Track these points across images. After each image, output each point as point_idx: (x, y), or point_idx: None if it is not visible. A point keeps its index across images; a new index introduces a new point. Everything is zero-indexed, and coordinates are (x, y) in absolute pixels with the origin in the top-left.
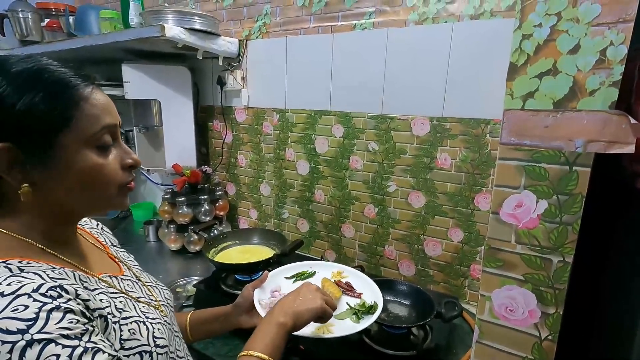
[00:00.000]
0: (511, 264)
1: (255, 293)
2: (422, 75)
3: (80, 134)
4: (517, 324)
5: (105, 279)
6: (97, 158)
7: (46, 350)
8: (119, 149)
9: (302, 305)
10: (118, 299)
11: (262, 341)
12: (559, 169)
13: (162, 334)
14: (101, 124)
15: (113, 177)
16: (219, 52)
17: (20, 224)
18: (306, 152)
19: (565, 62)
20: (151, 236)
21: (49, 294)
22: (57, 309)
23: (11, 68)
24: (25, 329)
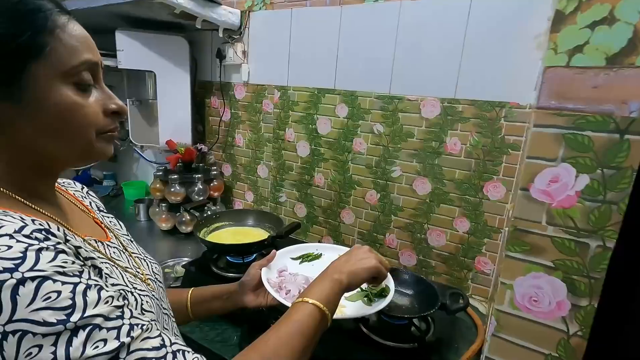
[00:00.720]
0: (539, 248)
1: (263, 272)
2: (435, 53)
3: (55, 66)
4: (542, 317)
5: (90, 242)
6: (75, 96)
7: (43, 287)
8: (101, 91)
9: (357, 265)
10: (104, 265)
11: (318, 292)
12: (606, 137)
13: (151, 307)
14: (80, 57)
15: (92, 120)
16: (219, 22)
17: None
18: (307, 133)
19: (625, 7)
20: (142, 215)
21: (34, 236)
22: (47, 249)
23: None
24: (13, 267)
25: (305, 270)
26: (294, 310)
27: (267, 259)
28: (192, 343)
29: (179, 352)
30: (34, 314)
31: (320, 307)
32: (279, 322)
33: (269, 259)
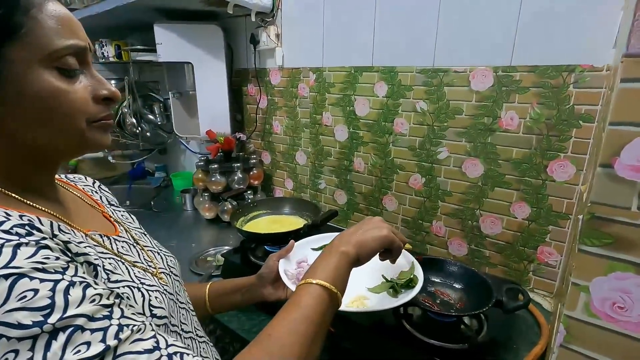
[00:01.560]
0: (627, 242)
1: (280, 263)
2: (485, 15)
3: (33, 50)
4: (630, 328)
5: (94, 236)
6: (58, 82)
7: (18, 286)
8: (90, 77)
9: (366, 234)
10: (107, 260)
11: (322, 270)
12: None
13: (161, 303)
14: (63, 42)
15: (81, 108)
16: (250, 5)
17: None
18: (345, 116)
19: None
20: (188, 205)
21: (14, 231)
22: (27, 244)
23: None
24: None
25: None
26: (298, 294)
27: (285, 249)
28: (229, 332)
29: (175, 354)
30: (7, 315)
31: (326, 286)
32: (284, 309)
33: (288, 250)
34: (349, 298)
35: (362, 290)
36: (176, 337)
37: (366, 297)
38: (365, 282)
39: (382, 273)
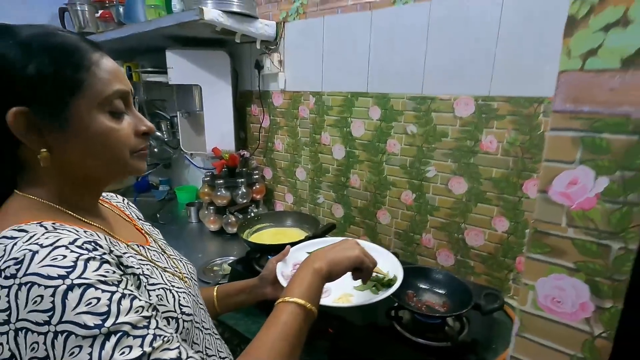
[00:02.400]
0: (560, 250)
1: (277, 266)
2: (467, 50)
3: (92, 98)
4: (565, 318)
5: (133, 246)
6: (110, 122)
7: (87, 294)
8: (132, 116)
9: (339, 253)
10: (145, 266)
11: (298, 287)
12: (625, 139)
13: (188, 302)
14: (112, 88)
15: (126, 142)
16: (256, 35)
17: (46, 191)
18: (342, 136)
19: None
20: (193, 217)
21: (84, 247)
22: (94, 259)
23: (21, 33)
24: (65, 274)
25: None
26: (276, 313)
27: (282, 253)
28: (237, 334)
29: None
30: (78, 316)
31: (301, 304)
32: (264, 328)
33: (284, 254)
34: (336, 295)
35: (348, 289)
36: (198, 333)
37: (351, 295)
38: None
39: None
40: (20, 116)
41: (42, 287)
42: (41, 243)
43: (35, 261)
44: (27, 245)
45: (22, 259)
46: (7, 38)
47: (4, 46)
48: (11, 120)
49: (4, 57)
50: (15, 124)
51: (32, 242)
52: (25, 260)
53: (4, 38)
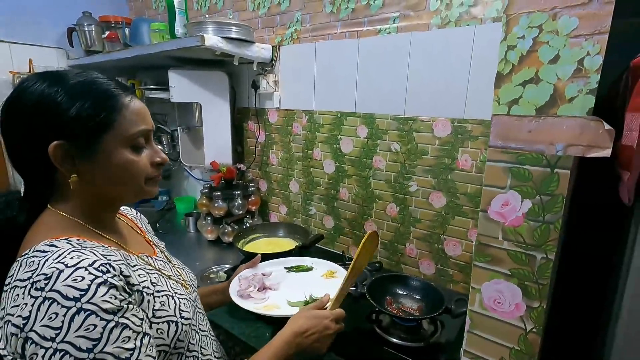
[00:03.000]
0: (499, 259)
1: (243, 272)
2: (444, 77)
3: (119, 135)
4: (505, 316)
5: (143, 257)
6: (131, 155)
7: (88, 319)
8: (150, 148)
9: (311, 349)
10: (153, 275)
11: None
12: (541, 171)
13: (187, 307)
14: (138, 128)
15: (143, 171)
16: (253, 57)
17: (73, 208)
18: (332, 152)
19: (546, 71)
20: (191, 227)
21: (100, 269)
22: (104, 283)
23: (69, 80)
24: (79, 297)
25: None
26: None
27: (253, 262)
28: (232, 337)
29: None
30: (76, 339)
31: None
32: None
33: (255, 262)
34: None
35: (282, 301)
36: (194, 334)
37: (278, 307)
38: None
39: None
40: (60, 148)
41: (59, 306)
42: (67, 263)
43: (60, 279)
44: (56, 264)
45: (50, 276)
46: (58, 84)
47: (56, 92)
48: (52, 152)
49: (54, 100)
50: (55, 154)
51: (59, 260)
52: (52, 277)
53: (56, 85)
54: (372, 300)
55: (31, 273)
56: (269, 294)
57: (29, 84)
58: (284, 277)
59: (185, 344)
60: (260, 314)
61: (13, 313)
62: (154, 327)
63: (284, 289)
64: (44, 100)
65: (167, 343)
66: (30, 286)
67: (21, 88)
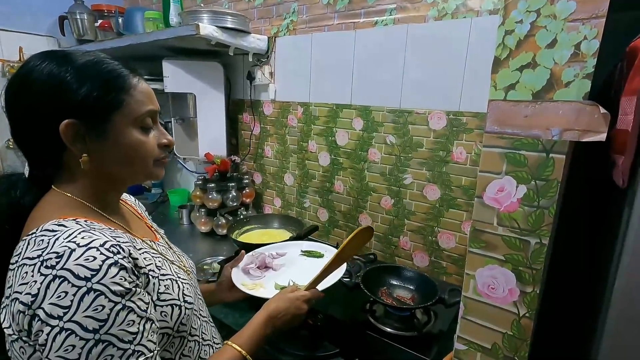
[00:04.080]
0: (493, 245)
1: (232, 272)
2: (440, 70)
3: (128, 115)
4: (498, 302)
5: (147, 241)
6: (140, 136)
7: (97, 300)
8: (157, 130)
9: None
10: (157, 259)
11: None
12: (537, 156)
13: (190, 292)
14: (146, 108)
15: (151, 152)
16: (249, 48)
17: (79, 189)
18: (327, 145)
19: (543, 55)
20: (184, 219)
21: (111, 250)
22: (115, 264)
23: (77, 60)
24: (90, 277)
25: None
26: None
27: (236, 260)
28: (225, 326)
29: None
30: (84, 319)
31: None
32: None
33: (238, 260)
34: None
35: (271, 283)
36: (196, 319)
37: (264, 287)
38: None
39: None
40: (71, 127)
41: (70, 285)
42: (78, 242)
43: (72, 258)
44: (67, 242)
45: (62, 254)
46: (67, 64)
47: (65, 71)
48: (63, 130)
49: (63, 80)
50: (66, 133)
51: (71, 239)
52: (64, 256)
53: (64, 64)
54: (366, 291)
55: (41, 251)
56: (266, 273)
57: (37, 63)
58: (292, 260)
59: (188, 328)
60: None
61: (21, 291)
62: (158, 309)
63: (284, 271)
64: (54, 79)
65: (171, 326)
66: (40, 264)
67: (29, 67)
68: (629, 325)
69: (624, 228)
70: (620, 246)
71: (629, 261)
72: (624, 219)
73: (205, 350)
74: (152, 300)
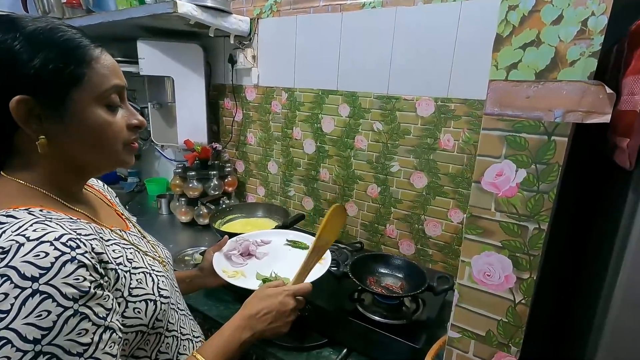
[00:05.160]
0: (490, 231)
1: (214, 257)
2: (428, 55)
3: (91, 91)
4: (494, 289)
5: (116, 231)
6: (106, 115)
7: (43, 305)
8: (125, 109)
9: (271, 330)
10: (129, 251)
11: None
12: (538, 138)
13: (165, 285)
14: (110, 83)
15: (119, 135)
16: (230, 30)
17: (36, 176)
18: (313, 132)
19: (548, 32)
20: (163, 209)
21: (68, 244)
22: (72, 261)
23: (26, 26)
24: (37, 277)
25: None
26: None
27: (219, 244)
28: (209, 319)
29: None
30: (24, 326)
31: None
32: None
33: (221, 245)
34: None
35: (252, 272)
36: (173, 313)
37: (245, 276)
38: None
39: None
40: (23, 104)
41: (12, 285)
42: (28, 236)
43: (20, 254)
44: (15, 236)
45: (8, 249)
46: (14, 31)
47: (12, 38)
48: (14, 107)
49: (11, 49)
50: (18, 111)
51: (20, 232)
52: (10, 251)
53: (11, 31)
54: (355, 279)
55: None
56: (249, 261)
57: None
58: (277, 250)
59: (164, 324)
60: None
61: None
62: (130, 306)
63: (266, 260)
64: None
65: (145, 323)
66: None
67: None
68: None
69: (629, 210)
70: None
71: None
72: (630, 201)
73: (184, 345)
74: (124, 297)
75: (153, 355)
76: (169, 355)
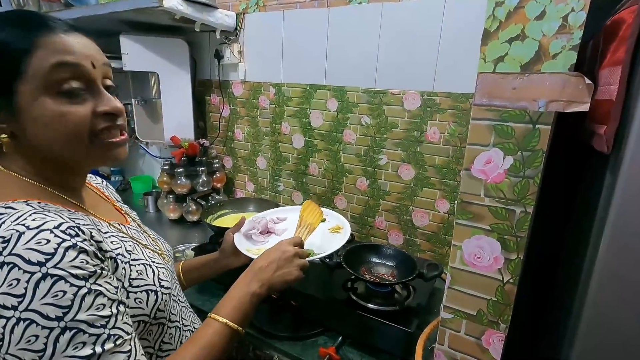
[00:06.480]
0: (480, 216)
1: (235, 237)
2: (414, 50)
3: (33, 81)
4: (484, 270)
5: (115, 225)
6: (60, 106)
7: (56, 285)
8: (96, 95)
9: (279, 277)
10: (127, 243)
11: (232, 308)
12: (523, 127)
13: (166, 277)
14: (51, 61)
15: (79, 126)
16: (216, 24)
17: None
18: (301, 126)
19: (532, 27)
20: (150, 206)
21: (67, 232)
22: (73, 247)
23: None
24: (44, 261)
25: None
26: (204, 330)
27: (237, 224)
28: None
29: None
30: (43, 307)
31: (231, 326)
32: (190, 342)
33: (240, 225)
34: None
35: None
36: (175, 305)
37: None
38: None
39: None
40: None
41: (21, 271)
42: (28, 225)
43: (21, 242)
44: (15, 226)
45: (9, 239)
46: None
47: None
48: None
49: None
50: None
51: (19, 222)
52: (12, 240)
53: None
54: (348, 269)
55: None
56: (269, 238)
57: None
58: (294, 225)
59: (167, 314)
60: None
61: None
62: (131, 296)
63: (286, 235)
64: None
65: (147, 313)
66: None
67: None
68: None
69: (607, 189)
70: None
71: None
72: (607, 182)
73: (187, 336)
74: (124, 287)
75: (156, 346)
76: (172, 345)
